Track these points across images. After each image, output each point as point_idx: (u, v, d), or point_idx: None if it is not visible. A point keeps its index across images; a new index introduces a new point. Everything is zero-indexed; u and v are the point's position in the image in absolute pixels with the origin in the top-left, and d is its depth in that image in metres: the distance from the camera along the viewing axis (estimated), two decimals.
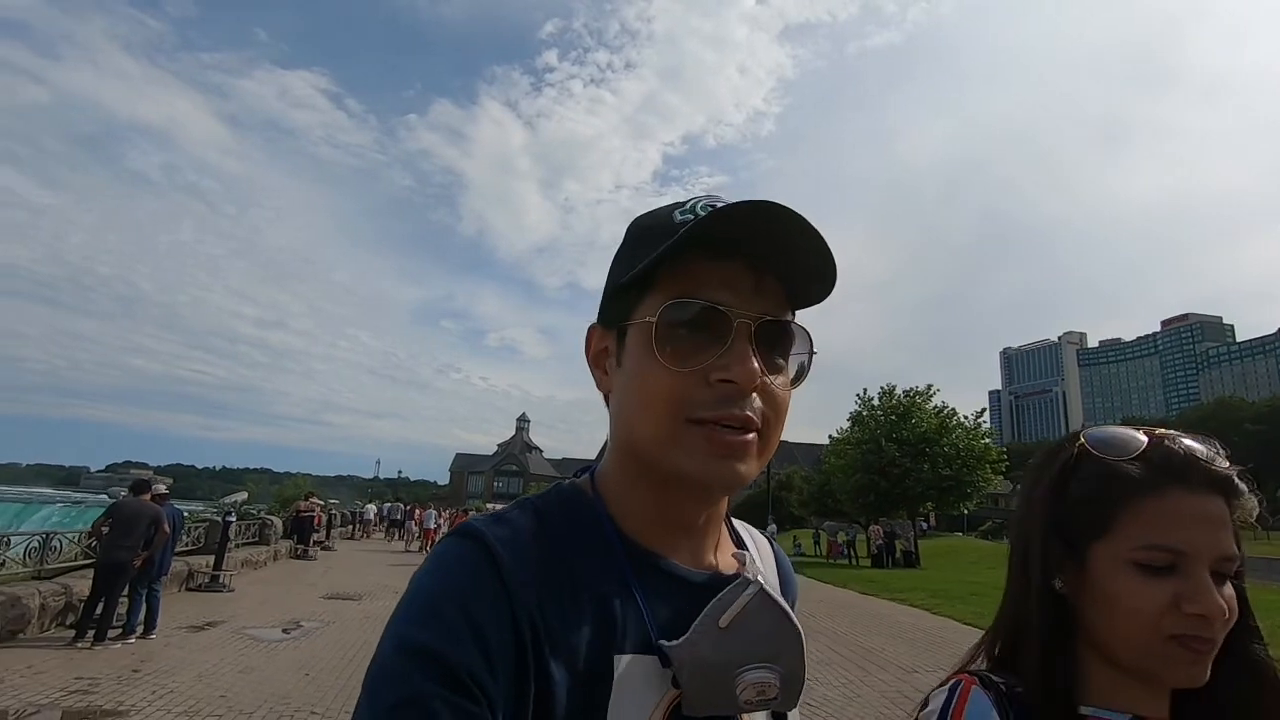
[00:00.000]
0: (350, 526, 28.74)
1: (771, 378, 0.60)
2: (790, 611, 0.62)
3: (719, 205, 0.59)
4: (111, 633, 7.06)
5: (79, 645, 6.81)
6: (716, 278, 0.59)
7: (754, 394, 0.58)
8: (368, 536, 29.07)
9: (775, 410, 0.60)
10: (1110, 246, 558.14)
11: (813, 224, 0.57)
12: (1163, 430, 0.73)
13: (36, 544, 8.21)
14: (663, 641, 0.57)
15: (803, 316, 0.65)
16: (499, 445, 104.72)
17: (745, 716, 0.61)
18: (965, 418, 25.43)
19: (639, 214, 0.69)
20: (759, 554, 0.77)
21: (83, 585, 7.72)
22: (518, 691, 0.51)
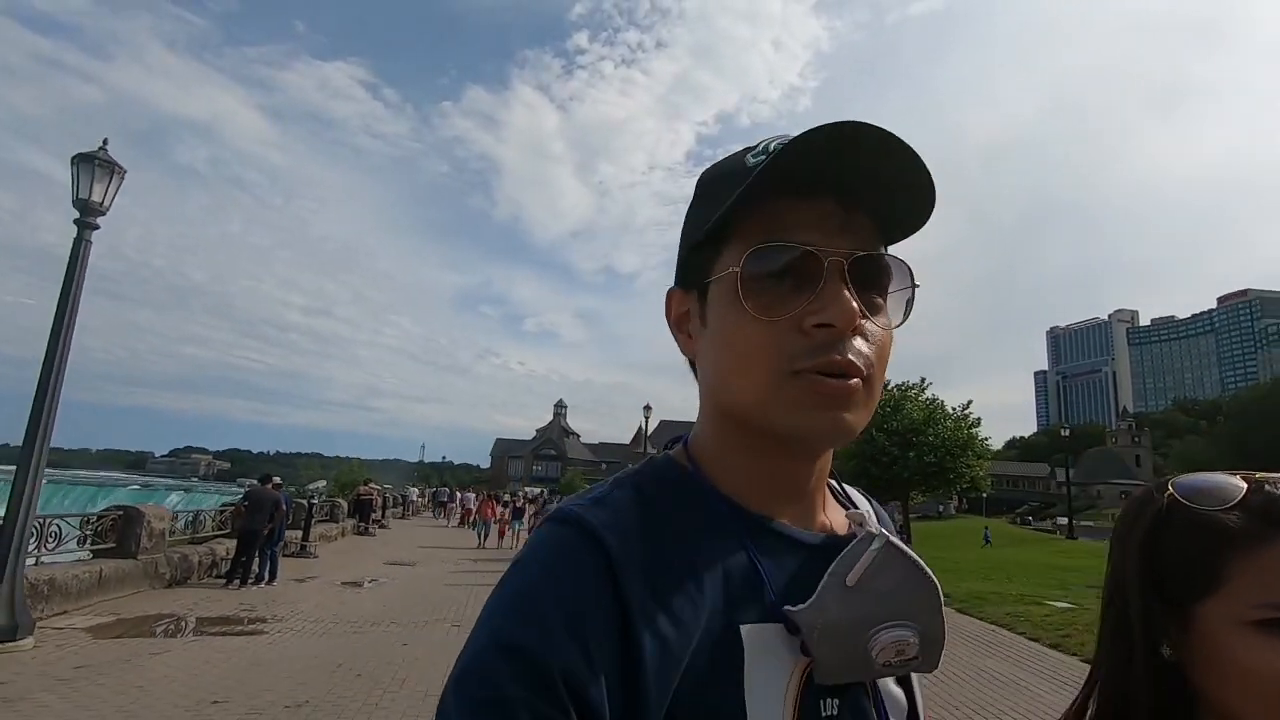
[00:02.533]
0: (400, 508, 32.35)
1: (871, 318, 0.55)
2: (922, 563, 0.57)
3: (791, 138, 0.52)
4: (249, 580, 10.22)
5: (229, 587, 9.96)
6: (800, 217, 0.54)
7: (854, 337, 0.54)
8: (416, 515, 32.81)
9: (878, 353, 0.56)
10: (1164, 220, 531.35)
11: (903, 139, 0.51)
12: (1261, 475, 0.64)
13: (190, 519, 11.51)
14: (788, 607, 0.53)
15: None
16: (537, 430, 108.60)
17: (879, 686, 0.58)
18: (953, 409, 27.55)
19: (707, 167, 0.63)
20: (869, 514, 0.70)
21: (221, 548, 10.96)
22: (630, 685, 0.47)
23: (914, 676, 0.62)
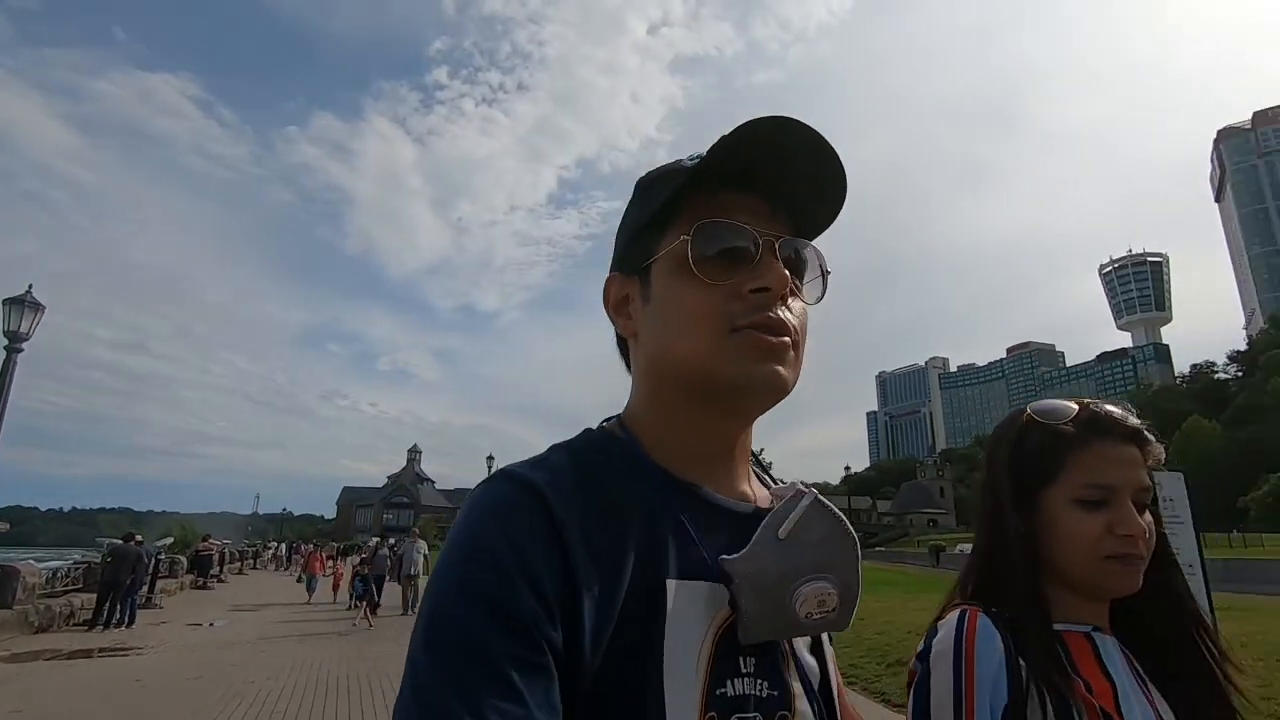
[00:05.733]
0: (239, 563, 32.44)
1: (796, 292, 0.64)
2: (845, 520, 0.63)
3: (735, 128, 0.60)
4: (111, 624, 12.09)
5: (94, 630, 11.81)
6: (737, 206, 0.63)
7: (783, 304, 0.62)
8: (265, 569, 33.09)
9: (800, 324, 0.64)
10: (972, 278, 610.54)
11: (832, 147, 0.61)
12: (1087, 399, 0.92)
13: (49, 575, 13.10)
14: (723, 556, 0.58)
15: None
16: (389, 477, 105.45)
17: (790, 652, 0.63)
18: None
19: (642, 173, 0.71)
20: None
21: (78, 600, 12.69)
22: (574, 631, 0.51)
23: (826, 647, 0.70)
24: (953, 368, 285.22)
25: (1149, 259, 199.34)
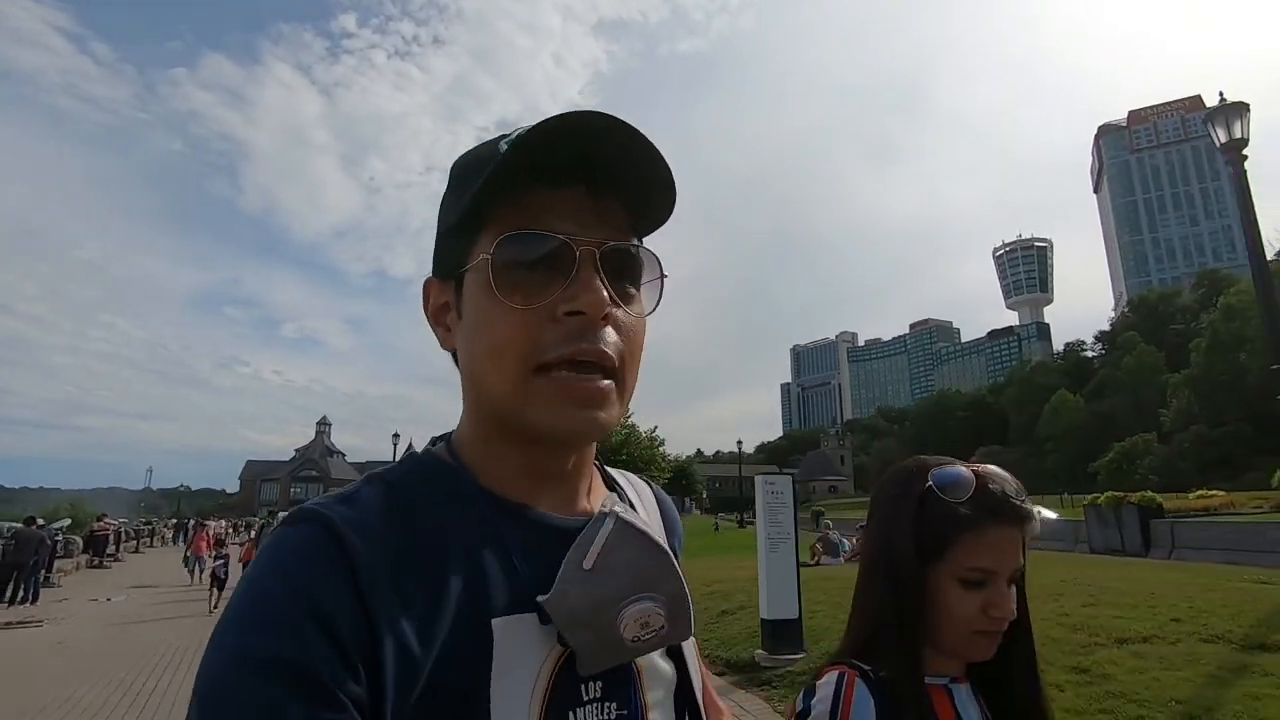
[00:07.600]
0: (135, 542, 32.21)
1: (623, 307, 0.58)
2: (654, 535, 0.60)
3: (533, 124, 0.54)
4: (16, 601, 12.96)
5: (1, 606, 12.68)
6: (554, 206, 0.56)
7: (606, 326, 0.56)
8: (165, 545, 32.85)
9: (630, 343, 0.58)
10: (882, 252, 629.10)
11: (642, 133, 0.55)
12: (984, 471, 0.96)
13: None
14: (540, 597, 0.54)
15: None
16: (296, 450, 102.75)
17: (643, 664, 0.60)
18: (644, 433, 35.33)
19: (460, 153, 0.63)
20: (638, 497, 0.75)
21: None
22: (379, 680, 0.47)
23: (686, 647, 0.66)
24: (861, 342, 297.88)
25: (1035, 243, 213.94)
